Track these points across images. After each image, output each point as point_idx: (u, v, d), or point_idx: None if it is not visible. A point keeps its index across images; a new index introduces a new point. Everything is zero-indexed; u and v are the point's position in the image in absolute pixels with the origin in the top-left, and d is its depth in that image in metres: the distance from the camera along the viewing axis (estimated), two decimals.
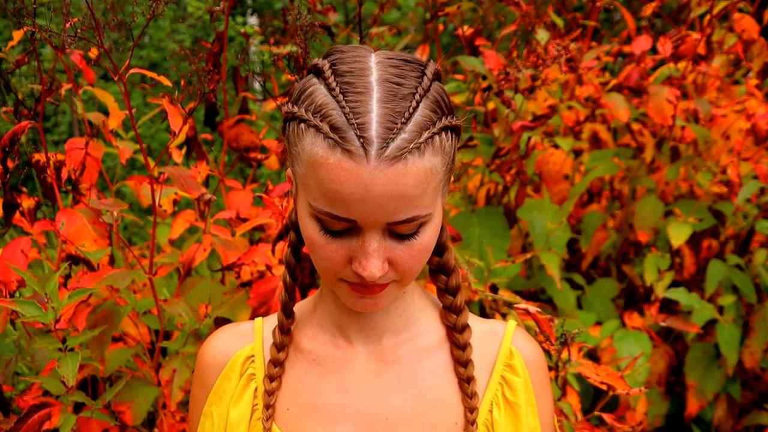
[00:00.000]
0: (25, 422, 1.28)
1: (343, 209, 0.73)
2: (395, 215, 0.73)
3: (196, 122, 1.98)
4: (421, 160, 0.72)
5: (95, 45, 1.30)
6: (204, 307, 1.41)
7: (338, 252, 0.76)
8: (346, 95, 0.72)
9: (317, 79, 0.76)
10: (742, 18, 2.30)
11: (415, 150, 0.71)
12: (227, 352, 0.91)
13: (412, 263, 0.78)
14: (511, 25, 2.21)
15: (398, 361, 0.88)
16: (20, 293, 1.47)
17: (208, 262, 2.48)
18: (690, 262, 2.24)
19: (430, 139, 0.72)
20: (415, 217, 0.74)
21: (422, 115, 0.73)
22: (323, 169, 0.72)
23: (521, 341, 0.92)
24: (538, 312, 1.22)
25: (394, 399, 0.86)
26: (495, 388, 0.89)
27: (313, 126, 0.73)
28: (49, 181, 1.55)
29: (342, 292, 0.81)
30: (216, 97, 1.82)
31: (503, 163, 2.10)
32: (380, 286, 0.78)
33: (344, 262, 0.77)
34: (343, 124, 0.71)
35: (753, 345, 2.20)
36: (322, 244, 0.76)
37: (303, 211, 0.78)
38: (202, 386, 0.92)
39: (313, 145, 0.73)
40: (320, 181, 0.73)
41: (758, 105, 2.23)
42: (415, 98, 0.73)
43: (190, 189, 1.37)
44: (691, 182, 2.35)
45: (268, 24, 2.54)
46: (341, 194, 0.72)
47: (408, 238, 0.76)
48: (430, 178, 0.73)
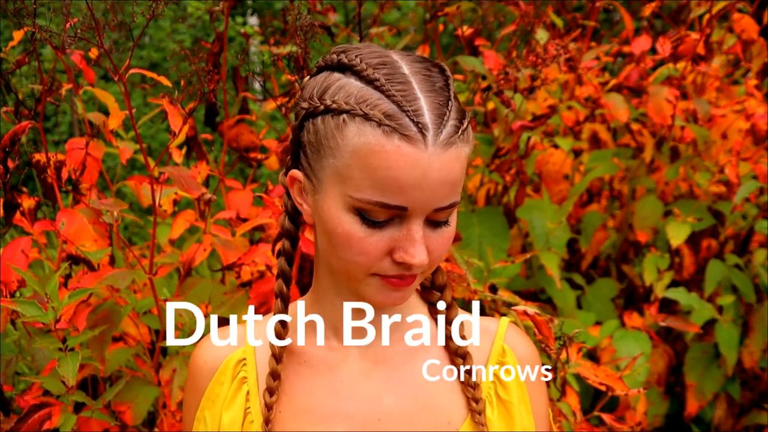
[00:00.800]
0: (26, 422, 1.29)
1: (396, 196, 0.73)
2: (443, 200, 0.75)
3: (196, 122, 1.98)
4: (465, 146, 0.76)
5: (95, 45, 1.30)
6: (204, 307, 1.41)
7: (379, 244, 0.76)
8: (392, 84, 0.74)
9: (343, 74, 0.77)
10: (742, 18, 2.30)
11: (462, 135, 0.75)
12: (218, 356, 0.90)
13: (442, 251, 0.79)
14: (511, 25, 2.22)
15: (390, 362, 0.87)
16: (21, 293, 1.48)
17: (209, 262, 2.48)
18: (689, 262, 2.25)
19: (468, 127, 0.76)
20: (456, 202, 0.77)
21: (457, 106, 0.76)
22: (377, 156, 0.73)
23: (514, 338, 0.91)
24: (537, 313, 1.22)
25: (386, 400, 0.86)
26: (488, 387, 0.88)
27: (360, 115, 0.73)
28: (50, 181, 1.55)
29: (371, 288, 0.80)
30: (216, 97, 1.83)
31: (503, 163, 2.10)
32: (412, 276, 0.78)
33: (383, 255, 0.77)
34: (395, 112, 0.73)
35: (752, 345, 2.20)
36: (361, 237, 0.76)
37: (336, 206, 0.77)
38: (194, 391, 0.91)
39: (361, 134, 0.73)
40: (373, 170, 0.73)
41: (757, 105, 2.23)
42: (449, 90, 0.76)
43: (190, 189, 1.37)
44: (691, 182, 2.36)
45: (268, 24, 2.54)
46: (398, 180, 0.73)
47: (441, 225, 0.78)
48: (466, 163, 0.77)
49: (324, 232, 0.80)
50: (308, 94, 0.79)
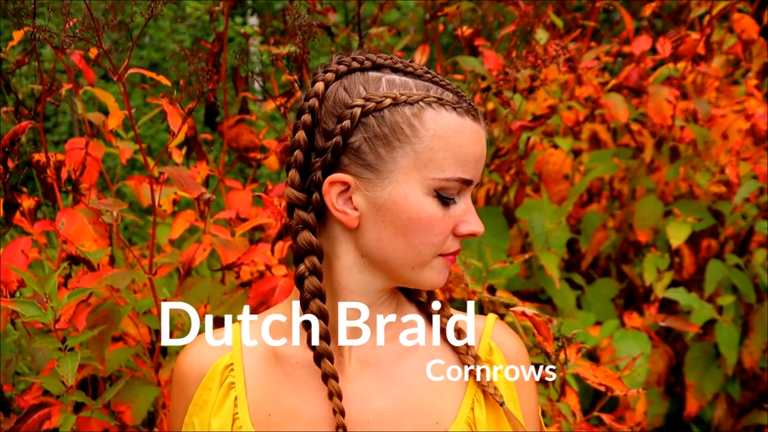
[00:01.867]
0: (25, 422, 1.28)
1: (472, 170, 0.82)
2: (479, 173, 0.85)
3: (196, 122, 1.98)
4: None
5: (95, 45, 1.30)
6: (203, 306, 1.41)
7: (450, 222, 0.83)
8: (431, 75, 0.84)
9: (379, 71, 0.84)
10: (742, 18, 2.30)
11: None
12: (205, 362, 0.89)
13: None
14: (511, 26, 2.22)
15: (379, 362, 0.87)
16: (20, 293, 1.47)
17: (208, 262, 2.48)
18: (689, 262, 2.25)
19: None
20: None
21: None
22: (462, 134, 0.82)
23: (501, 336, 0.91)
24: (536, 314, 1.22)
25: (376, 401, 0.86)
26: (475, 386, 0.88)
27: (434, 101, 0.81)
28: (49, 181, 1.55)
29: (434, 270, 0.84)
30: (216, 97, 1.82)
31: (502, 163, 2.10)
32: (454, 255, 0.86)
33: (449, 233, 0.83)
34: (455, 97, 0.83)
35: (752, 345, 2.20)
36: (440, 219, 0.82)
37: (415, 192, 0.81)
38: (181, 397, 0.91)
39: (440, 117, 0.81)
40: (458, 147, 0.81)
41: (757, 105, 2.23)
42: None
43: (189, 189, 1.37)
44: (691, 182, 2.36)
45: (267, 24, 2.54)
46: (476, 154, 0.83)
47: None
48: None
49: (393, 224, 0.81)
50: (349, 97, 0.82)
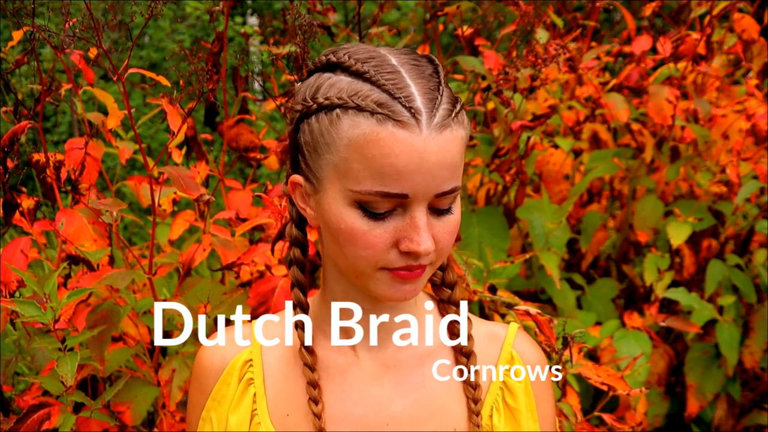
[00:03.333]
0: (25, 422, 1.28)
1: (396, 184, 0.74)
2: (443, 185, 0.75)
3: (196, 122, 1.98)
4: (460, 129, 0.76)
5: (94, 45, 1.30)
6: (203, 306, 1.41)
7: (383, 236, 0.76)
8: (381, 75, 0.75)
9: (333, 72, 0.78)
10: (742, 18, 2.30)
11: (456, 118, 0.75)
12: (225, 356, 0.89)
13: (449, 240, 0.79)
14: (511, 25, 2.21)
15: (399, 366, 0.87)
16: (20, 293, 1.47)
17: (208, 262, 2.48)
18: (690, 262, 2.25)
19: (463, 110, 0.77)
20: (456, 187, 0.76)
21: (447, 92, 0.77)
22: (373, 145, 0.73)
23: (523, 344, 0.90)
24: (539, 314, 1.22)
25: (395, 405, 0.85)
26: (495, 393, 0.88)
27: (352, 107, 0.74)
28: (49, 181, 1.55)
29: (381, 283, 0.79)
30: (216, 97, 1.82)
31: (503, 162, 2.10)
32: (421, 267, 0.78)
33: (389, 247, 0.77)
34: (387, 99, 0.74)
35: (753, 345, 2.20)
36: (364, 231, 0.76)
37: (337, 203, 0.77)
38: (199, 391, 0.91)
39: (356, 126, 0.74)
40: (371, 159, 0.74)
41: (758, 105, 2.23)
42: (439, 76, 0.77)
43: (189, 189, 1.37)
44: (691, 182, 2.35)
45: (267, 24, 2.54)
46: (396, 167, 0.73)
47: (444, 213, 0.78)
48: (464, 148, 0.78)
49: (328, 231, 0.80)
50: (300, 97, 0.80)
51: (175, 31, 4.92)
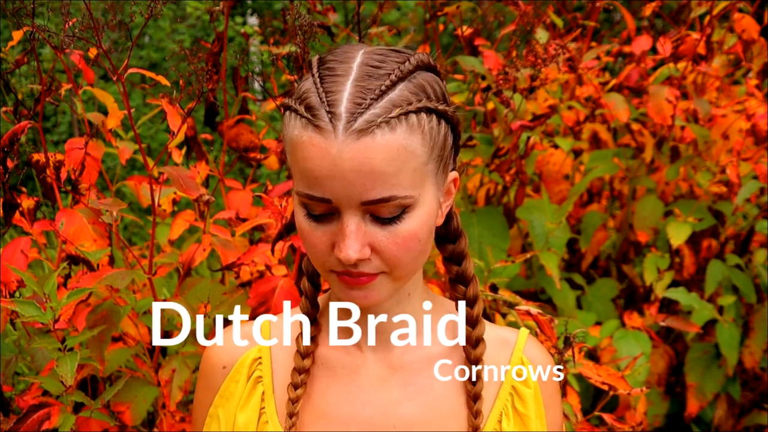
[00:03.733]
0: (25, 422, 1.28)
1: (318, 188, 0.73)
2: (367, 193, 0.72)
3: (196, 122, 1.98)
4: (391, 135, 0.72)
5: (94, 45, 1.30)
6: (203, 306, 1.41)
7: (322, 238, 0.76)
8: (324, 79, 0.74)
9: (308, 73, 0.78)
10: (742, 18, 2.30)
11: (384, 124, 0.72)
12: (233, 354, 0.89)
13: (397, 251, 0.76)
14: (511, 25, 2.21)
15: (407, 369, 0.86)
16: (20, 293, 1.47)
17: (208, 262, 2.48)
18: (690, 262, 2.25)
19: (403, 116, 0.73)
20: (392, 197, 0.73)
21: (398, 94, 0.73)
22: (299, 148, 0.74)
23: (533, 350, 0.90)
24: (540, 313, 1.22)
25: (403, 407, 0.85)
26: (505, 399, 0.87)
27: (293, 110, 0.76)
28: (49, 181, 1.55)
29: (334, 285, 0.80)
30: (216, 97, 1.82)
31: (503, 162, 2.10)
32: (367, 276, 0.77)
33: (329, 249, 0.76)
34: (316, 104, 0.73)
35: (753, 345, 2.20)
36: (308, 231, 0.77)
37: (294, 201, 0.79)
38: (207, 388, 0.90)
39: (293, 127, 0.75)
40: (298, 161, 0.75)
41: (758, 105, 2.23)
42: (391, 78, 0.74)
43: (188, 189, 1.36)
44: (691, 182, 2.35)
45: (267, 24, 2.54)
46: (314, 172, 0.73)
47: (390, 222, 0.75)
48: (405, 156, 0.73)
49: None
50: None
51: (175, 31, 4.92)
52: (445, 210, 0.82)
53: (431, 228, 0.79)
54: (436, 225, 0.81)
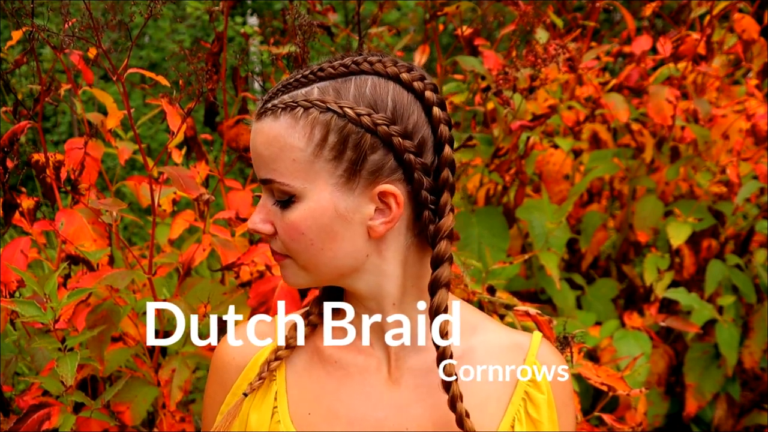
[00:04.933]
0: (25, 422, 1.28)
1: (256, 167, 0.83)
2: (259, 171, 0.81)
3: (196, 122, 1.98)
4: (273, 123, 0.80)
5: (94, 45, 1.30)
6: (203, 306, 1.41)
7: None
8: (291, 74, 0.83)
9: None
10: (742, 18, 2.30)
11: (271, 112, 0.80)
12: (247, 352, 0.89)
13: (285, 236, 0.81)
14: (511, 25, 2.21)
15: (417, 370, 0.86)
16: (20, 293, 1.47)
17: (208, 262, 2.48)
18: (690, 262, 2.25)
19: (290, 108, 0.79)
20: (270, 180, 0.80)
21: (305, 90, 0.80)
22: None
23: (547, 356, 0.89)
24: (538, 314, 1.22)
25: (414, 409, 0.85)
26: (518, 404, 0.86)
27: None
28: (49, 181, 1.55)
29: None
30: (215, 97, 1.82)
31: (502, 163, 2.10)
32: (277, 255, 0.84)
33: None
34: None
35: (752, 345, 2.20)
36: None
37: None
38: (219, 386, 0.90)
39: None
40: None
41: (758, 105, 2.23)
42: (310, 77, 0.80)
43: (188, 189, 1.37)
44: (691, 182, 2.35)
45: (267, 24, 2.54)
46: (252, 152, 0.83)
47: (282, 207, 0.81)
48: (282, 145, 0.79)
49: None
50: None
51: (175, 31, 4.92)
52: (382, 227, 0.80)
53: (325, 228, 0.79)
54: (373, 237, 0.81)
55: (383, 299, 0.85)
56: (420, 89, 0.80)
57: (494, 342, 0.88)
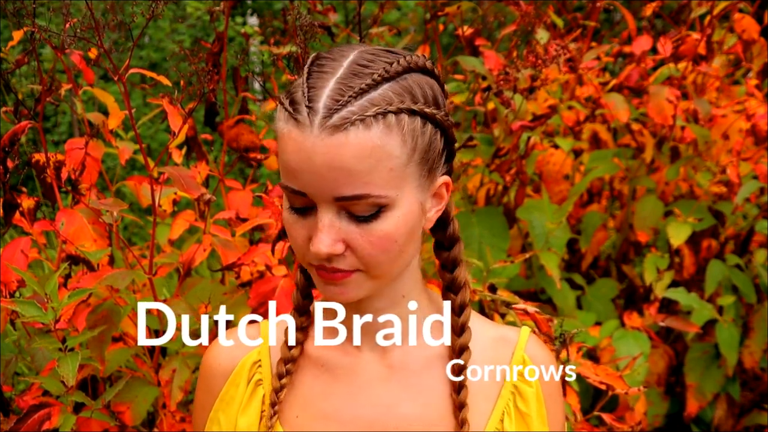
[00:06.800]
0: (25, 422, 1.28)
1: (295, 181, 0.75)
2: (339, 189, 0.73)
3: (196, 122, 1.98)
4: (366, 134, 0.72)
5: (95, 45, 1.30)
6: (204, 307, 1.41)
7: (301, 231, 0.77)
8: (311, 75, 0.76)
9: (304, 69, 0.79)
10: (742, 18, 2.30)
11: (359, 122, 0.72)
12: (233, 357, 0.89)
13: (371, 250, 0.76)
14: (511, 25, 2.22)
15: (406, 368, 0.86)
16: (20, 293, 1.47)
17: (208, 262, 2.48)
18: (690, 262, 2.25)
19: (381, 116, 0.73)
20: (365, 195, 0.73)
21: (380, 94, 0.74)
22: (281, 141, 0.76)
23: (535, 349, 0.89)
24: (537, 312, 1.22)
25: (403, 407, 0.85)
26: (507, 398, 0.87)
27: (281, 104, 0.77)
28: (49, 181, 1.55)
29: (314, 278, 0.81)
30: (216, 97, 1.82)
31: (503, 163, 2.10)
32: (342, 272, 0.77)
33: (307, 243, 0.77)
34: (299, 98, 0.75)
35: (752, 345, 2.20)
36: (290, 223, 0.78)
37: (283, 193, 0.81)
38: (207, 392, 0.90)
39: (278, 120, 0.77)
40: (280, 154, 0.77)
41: (758, 105, 2.23)
42: (374, 77, 0.74)
43: (189, 189, 1.37)
44: (691, 182, 2.36)
45: (268, 24, 2.54)
46: (291, 164, 0.75)
47: (366, 221, 0.75)
48: (380, 155, 0.73)
49: None
50: None
51: (175, 31, 4.92)
52: (435, 215, 0.82)
53: (411, 231, 0.78)
54: (425, 229, 0.81)
55: (390, 299, 0.85)
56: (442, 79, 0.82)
57: (481, 336, 0.88)
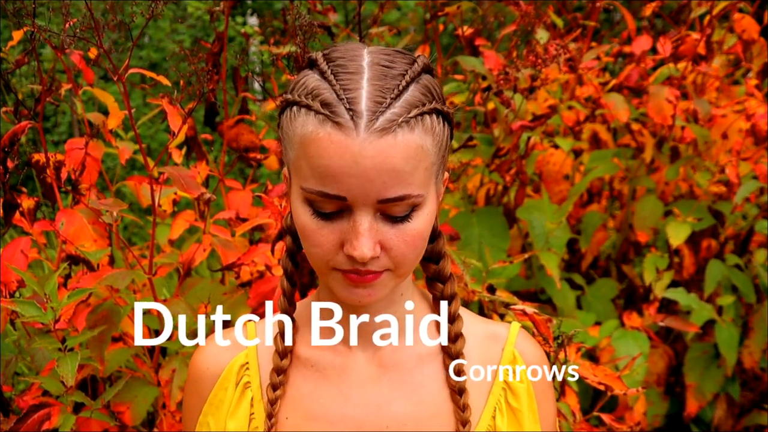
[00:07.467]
0: (25, 422, 1.29)
1: (333, 185, 0.73)
2: (386, 191, 0.73)
3: (196, 122, 1.98)
4: (411, 135, 0.73)
5: (95, 45, 1.30)
6: (204, 307, 1.41)
7: (330, 236, 0.76)
8: (338, 75, 0.74)
9: (310, 70, 0.78)
10: (742, 18, 2.30)
11: (405, 124, 0.73)
12: (221, 361, 0.89)
13: (405, 249, 0.77)
14: (511, 25, 2.21)
15: (398, 367, 0.86)
16: (20, 293, 1.48)
17: (208, 262, 2.48)
18: (689, 262, 2.25)
19: (419, 117, 0.74)
20: (407, 195, 0.74)
21: (412, 95, 0.75)
22: (314, 145, 0.74)
23: (525, 344, 0.90)
24: (536, 313, 1.22)
25: (394, 406, 0.85)
26: (498, 394, 0.87)
27: (304, 106, 0.75)
28: (49, 181, 1.55)
29: (336, 283, 0.79)
30: (216, 97, 1.83)
31: (503, 163, 2.10)
32: (374, 273, 0.77)
33: (336, 248, 0.76)
34: (333, 100, 0.73)
35: (752, 345, 2.20)
36: (314, 229, 0.76)
37: (296, 198, 0.78)
38: (196, 396, 0.91)
39: (305, 124, 0.75)
40: (311, 158, 0.74)
41: (758, 105, 2.23)
42: (405, 79, 0.75)
43: (189, 189, 1.37)
44: (691, 182, 2.36)
45: (267, 24, 2.54)
46: (331, 169, 0.73)
47: (401, 221, 0.76)
48: (421, 156, 0.74)
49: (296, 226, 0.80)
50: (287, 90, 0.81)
51: (175, 31, 4.92)
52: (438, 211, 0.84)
53: (432, 226, 0.80)
54: None
55: (389, 299, 0.85)
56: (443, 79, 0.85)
57: (471, 332, 0.89)
